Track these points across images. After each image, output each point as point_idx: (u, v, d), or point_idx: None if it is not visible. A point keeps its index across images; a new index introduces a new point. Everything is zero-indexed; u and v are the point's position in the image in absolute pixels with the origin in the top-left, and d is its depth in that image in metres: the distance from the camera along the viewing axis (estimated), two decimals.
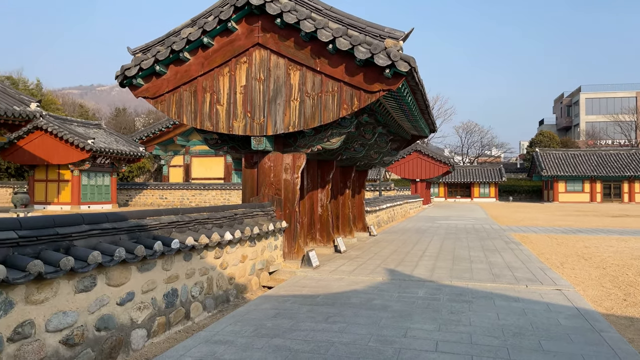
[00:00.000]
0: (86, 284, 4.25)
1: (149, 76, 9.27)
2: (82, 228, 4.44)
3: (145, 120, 69.01)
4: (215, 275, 6.51)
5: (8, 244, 3.69)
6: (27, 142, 28.35)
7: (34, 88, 50.13)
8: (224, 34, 8.96)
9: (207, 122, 9.07)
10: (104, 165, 30.95)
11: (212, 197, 36.46)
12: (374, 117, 10.81)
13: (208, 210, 6.83)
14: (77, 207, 28.93)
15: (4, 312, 3.46)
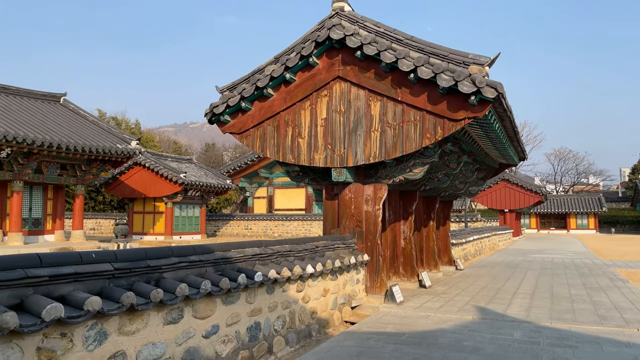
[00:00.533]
0: (174, 316, 4.35)
1: (235, 113, 9.67)
2: (171, 260, 4.59)
3: (232, 154, 72.50)
4: (298, 309, 6.45)
5: (105, 275, 3.88)
6: (128, 177, 30.73)
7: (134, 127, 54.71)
8: (305, 69, 9.16)
9: (289, 155, 9.23)
10: (195, 198, 32.65)
11: (294, 227, 37.04)
12: (459, 146, 10.42)
13: (290, 242, 6.85)
14: (170, 237, 30.63)
15: (99, 343, 3.60)
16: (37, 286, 3.33)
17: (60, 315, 3.18)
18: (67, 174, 23.40)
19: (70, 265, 3.63)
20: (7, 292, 3.15)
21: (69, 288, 3.55)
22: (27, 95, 24.73)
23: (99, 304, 3.47)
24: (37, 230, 23.07)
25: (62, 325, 3.30)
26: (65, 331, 3.35)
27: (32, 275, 3.30)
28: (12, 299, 3.16)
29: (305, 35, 9.19)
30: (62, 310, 3.20)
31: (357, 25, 8.72)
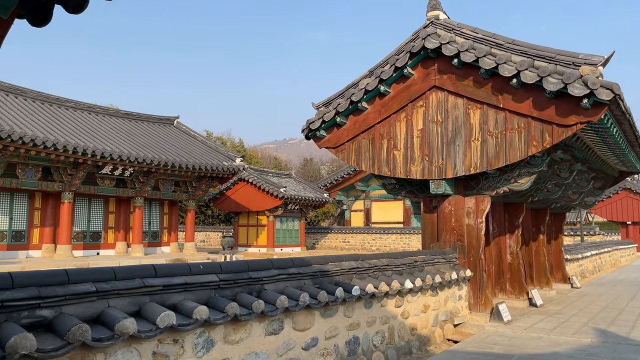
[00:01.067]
0: (275, 327, 4.48)
1: (330, 127, 9.83)
2: (271, 273, 4.75)
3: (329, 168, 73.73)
4: (397, 324, 6.32)
5: (211, 286, 4.11)
6: (233, 192, 32.52)
7: (238, 146, 57.92)
8: (400, 80, 9.08)
9: (385, 168, 9.16)
10: (294, 211, 33.63)
11: (391, 241, 36.56)
12: (571, 153, 9.62)
13: (387, 256, 6.75)
14: (272, 249, 31.79)
15: (206, 350, 3.81)
16: (152, 295, 3.62)
17: (173, 323, 3.42)
18: (180, 190, 25.34)
19: (181, 276, 3.90)
20: (127, 299, 3.46)
21: (180, 297, 3.80)
22: (146, 120, 27.31)
23: (206, 313, 3.68)
24: (155, 242, 25.20)
25: (174, 332, 3.55)
26: (177, 338, 3.59)
27: (149, 284, 3.60)
28: (131, 306, 3.46)
29: (399, 47, 9.13)
30: (174, 318, 3.44)
31: (453, 32, 8.48)
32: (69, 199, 20.42)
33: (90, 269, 3.38)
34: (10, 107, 20.24)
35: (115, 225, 23.43)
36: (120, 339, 3.12)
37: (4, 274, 2.89)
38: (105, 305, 3.33)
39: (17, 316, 2.83)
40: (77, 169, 20.13)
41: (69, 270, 3.21)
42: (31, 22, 2.72)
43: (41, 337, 2.84)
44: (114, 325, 3.12)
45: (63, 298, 3.06)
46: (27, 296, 2.89)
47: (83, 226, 22.22)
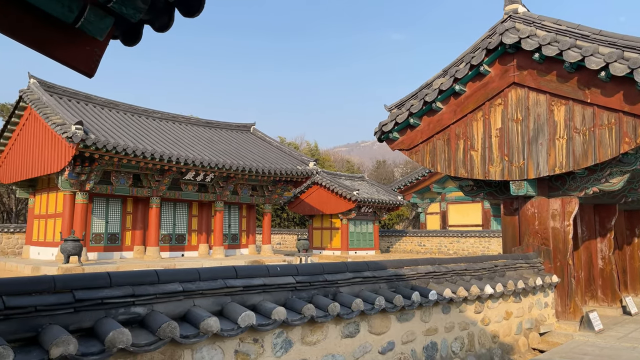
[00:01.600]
0: (351, 330, 4.51)
1: (403, 129, 9.72)
2: (346, 276, 4.78)
3: (403, 170, 72.73)
4: (477, 331, 6.11)
5: (288, 288, 4.22)
6: (307, 196, 33.05)
7: (312, 149, 58.81)
8: (475, 78, 8.79)
9: (461, 169, 8.89)
10: (367, 214, 33.53)
11: (470, 244, 35.31)
12: None
13: (465, 260, 6.56)
14: (346, 252, 31.89)
15: (285, 350, 3.91)
16: (233, 295, 3.78)
17: (253, 323, 3.56)
18: (257, 194, 26.18)
19: (260, 278, 4.04)
20: (211, 299, 3.64)
21: (259, 298, 3.94)
22: (224, 127, 28.53)
23: (284, 314, 3.79)
24: (234, 244, 26.21)
25: (254, 332, 3.68)
26: (257, 337, 3.73)
27: (230, 285, 3.77)
28: (214, 306, 3.64)
29: (475, 44, 8.84)
30: (254, 318, 3.58)
31: (533, 26, 8.08)
32: (156, 204, 21.79)
33: (177, 270, 3.60)
34: (105, 119, 22.00)
35: (198, 228, 24.66)
36: (205, 337, 3.30)
37: (103, 274, 3.17)
38: (191, 305, 3.53)
39: (114, 312, 3.08)
40: (164, 176, 21.44)
41: (158, 270, 3.45)
42: (124, 42, 2.96)
43: (135, 332, 3.07)
44: (199, 324, 3.31)
45: (154, 297, 3.29)
46: (123, 294, 3.14)
47: (169, 229, 23.61)
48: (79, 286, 3.03)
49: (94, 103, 23.35)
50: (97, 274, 3.15)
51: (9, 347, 2.42)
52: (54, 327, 2.75)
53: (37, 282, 2.88)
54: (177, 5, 2.63)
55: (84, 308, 2.98)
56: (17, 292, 2.78)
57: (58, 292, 2.93)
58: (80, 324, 2.95)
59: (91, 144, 17.50)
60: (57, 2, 2.34)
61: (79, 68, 2.77)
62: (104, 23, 2.55)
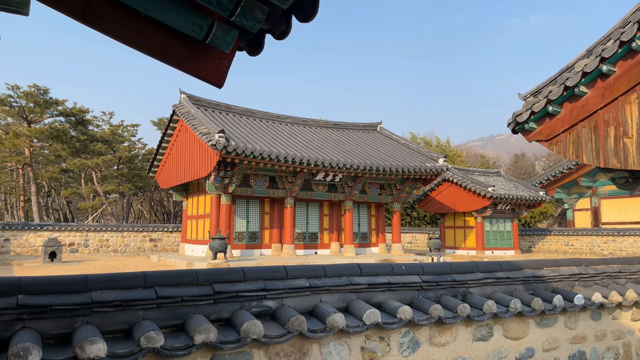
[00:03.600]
0: (483, 333, 4.27)
1: (541, 119, 8.94)
2: (476, 276, 4.55)
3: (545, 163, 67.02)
4: (634, 341, 5.38)
5: (414, 287, 4.15)
6: (438, 193, 32.11)
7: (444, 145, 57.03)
8: (627, 56, 7.76)
9: (613, 159, 7.90)
10: (505, 212, 31.48)
11: (629, 244, 31.18)
12: None
13: (619, 262, 5.81)
14: (481, 252, 30.32)
15: (412, 350, 3.85)
16: (358, 292, 3.82)
17: (378, 321, 3.56)
18: (385, 193, 26.16)
19: (384, 276, 4.03)
20: (336, 295, 3.73)
21: (384, 296, 3.93)
22: (352, 128, 29.03)
23: (409, 313, 3.73)
24: (364, 243, 26.52)
25: (379, 330, 3.68)
26: (383, 335, 3.72)
27: (354, 282, 3.82)
28: (340, 302, 3.72)
29: (624, 18, 7.80)
30: (379, 315, 3.58)
31: None
32: (290, 204, 22.98)
33: (304, 267, 3.75)
34: (244, 126, 23.82)
35: (329, 227, 25.43)
36: (331, 332, 3.38)
37: (237, 269, 3.43)
38: (317, 300, 3.65)
39: (248, 305, 3.32)
40: (296, 177, 22.52)
41: (287, 266, 3.63)
42: (249, 52, 3.18)
43: (267, 324, 3.26)
44: (325, 319, 3.40)
45: (283, 291, 3.47)
46: (255, 288, 3.36)
47: (303, 228, 24.72)
48: (218, 279, 3.32)
49: (233, 112, 25.42)
50: (233, 268, 3.42)
51: (160, 332, 2.74)
52: (198, 316, 3.05)
53: (183, 275, 3.22)
54: (293, 12, 2.75)
55: (222, 300, 3.26)
56: (167, 283, 3.13)
57: (200, 285, 3.24)
58: (219, 314, 3.23)
59: (232, 150, 19.07)
60: (188, 22, 2.59)
61: (210, 79, 3.03)
62: (230, 36, 2.77)
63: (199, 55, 2.81)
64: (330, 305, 3.60)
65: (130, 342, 2.79)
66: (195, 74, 2.85)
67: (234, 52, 2.99)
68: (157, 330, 2.75)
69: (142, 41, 2.72)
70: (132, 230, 28.29)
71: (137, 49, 2.76)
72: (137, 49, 2.75)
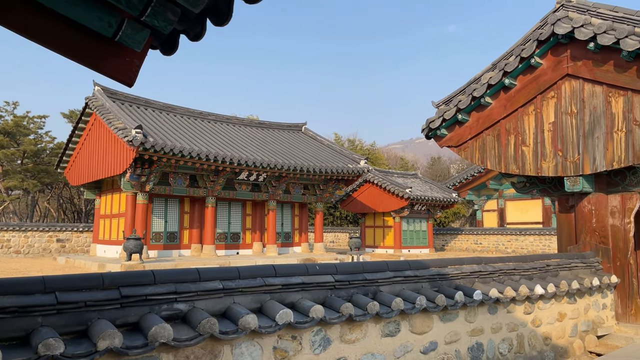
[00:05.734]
0: (391, 329, 4.50)
1: (451, 125, 9.52)
2: (386, 274, 4.78)
3: (459, 166, 70.94)
4: (527, 332, 5.91)
5: (327, 286, 4.28)
6: (359, 194, 32.99)
7: (366, 147, 58.58)
8: (526, 71, 8.48)
9: (512, 165, 8.61)
10: (421, 212, 33.00)
11: (529, 242, 33.95)
12: None
13: (514, 260, 6.36)
14: (399, 250, 31.57)
15: (323, 348, 3.98)
16: (272, 293, 3.89)
17: (290, 320, 3.64)
18: (309, 193, 26.45)
19: (299, 276, 4.12)
20: (250, 297, 3.77)
21: (298, 296, 4.03)
22: (277, 127, 29.03)
23: (322, 312, 3.85)
24: (287, 242, 26.63)
25: (292, 329, 3.77)
26: (295, 335, 3.81)
27: (269, 283, 3.87)
28: (253, 303, 3.76)
29: (525, 36, 8.52)
30: (292, 315, 3.66)
31: (587, 14, 7.68)
32: (212, 204, 22.53)
33: (218, 269, 3.75)
34: (163, 122, 23.00)
35: (252, 227, 25.25)
36: (244, 333, 3.42)
37: (147, 272, 3.36)
38: (231, 302, 3.67)
39: (157, 309, 3.26)
40: (218, 176, 22.13)
41: (200, 269, 3.61)
42: (162, 51, 3.13)
43: (177, 327, 3.23)
44: (238, 320, 3.43)
45: (195, 294, 3.45)
46: (166, 291, 3.31)
47: (224, 228, 24.33)
48: (125, 283, 3.24)
49: (152, 107, 24.46)
50: (142, 271, 3.34)
51: (60, 339, 2.63)
52: (102, 321, 2.96)
53: (87, 279, 3.10)
54: (207, 15, 2.76)
55: (129, 304, 3.18)
56: (69, 288, 3.00)
57: (106, 289, 3.14)
58: (126, 318, 3.14)
59: (150, 146, 18.35)
60: (96, 18, 2.51)
61: (120, 78, 2.95)
62: (141, 35, 2.72)
63: (109, 53, 2.73)
64: (243, 307, 3.63)
65: (28, 350, 2.65)
66: (105, 72, 2.77)
67: (145, 51, 2.93)
68: (57, 337, 2.64)
69: (48, 37, 2.59)
70: (36, 230, 26.31)
71: (43, 45, 2.63)
72: (43, 44, 2.62)
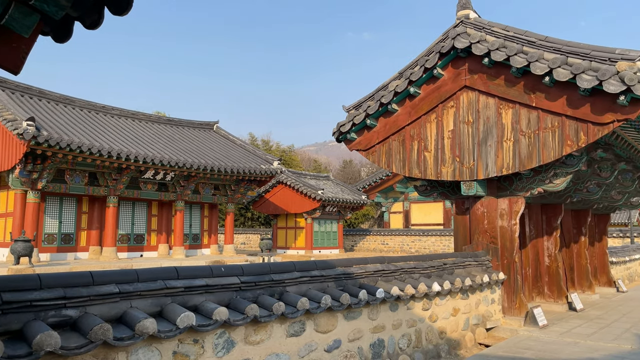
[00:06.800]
0: (296, 329, 4.54)
1: (361, 130, 9.84)
2: (293, 275, 4.82)
3: (369, 169, 73.38)
4: (424, 327, 6.26)
5: (232, 288, 4.22)
6: (272, 195, 32.93)
7: (284, 149, 58.59)
8: (430, 81, 8.99)
9: (415, 170, 9.08)
10: (332, 213, 33.69)
11: (431, 243, 36.01)
12: (612, 152, 9.23)
13: (415, 259, 6.70)
14: (310, 251, 31.95)
15: (227, 351, 3.91)
16: (174, 296, 3.76)
17: (192, 323, 3.54)
18: (220, 193, 25.90)
19: (203, 278, 4.03)
20: (150, 300, 3.61)
21: (201, 299, 3.93)
22: (187, 125, 28.09)
23: (225, 314, 3.79)
24: (196, 244, 25.85)
25: (194, 333, 3.67)
26: (198, 338, 3.72)
27: (170, 286, 3.74)
28: (153, 307, 3.61)
29: (429, 48, 9.04)
30: (193, 318, 3.56)
31: (483, 31, 8.33)
32: (114, 203, 21.26)
33: (114, 271, 3.55)
34: (60, 116, 21.30)
35: (158, 228, 24.20)
36: (141, 339, 3.27)
37: (33, 276, 3.09)
38: (128, 306, 3.49)
39: (44, 315, 3.02)
40: (122, 174, 20.94)
41: (93, 272, 3.39)
42: (54, 38, 2.90)
43: (66, 335, 3.01)
44: (134, 325, 3.27)
45: (87, 299, 3.23)
46: (53, 296, 3.07)
47: (127, 229, 23.08)
48: (7, 288, 2.95)
49: (48, 99, 22.58)
50: (26, 275, 3.07)
51: None
52: None
53: None
54: (105, 3, 2.60)
55: (11, 310, 2.91)
56: None
57: None
58: (7, 326, 2.87)
59: (43, 141, 16.92)
60: None
61: (5, 65, 2.70)
62: (30, 20, 2.50)
63: None
64: (141, 311, 3.47)
65: None
66: None
67: (35, 37, 2.70)
68: None
69: None
70: None
71: None
72: None
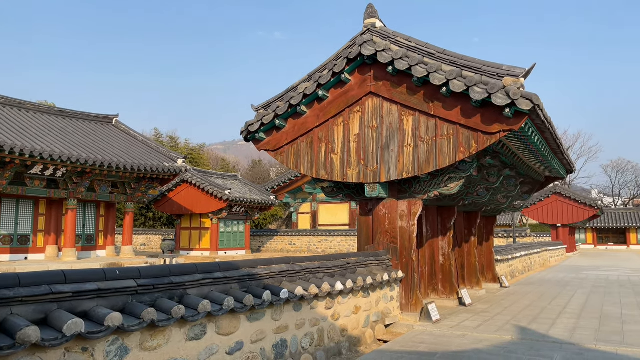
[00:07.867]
0: (197, 332, 4.41)
1: (270, 130, 9.82)
2: (195, 277, 4.68)
3: (278, 170, 73.45)
4: (327, 326, 6.39)
5: (128, 292, 4.00)
6: (176, 194, 31.72)
7: (193, 147, 56.59)
8: (337, 85, 9.21)
9: (323, 171, 9.25)
10: (239, 214, 33.24)
11: (337, 243, 36.92)
12: (499, 159, 10.11)
13: (319, 259, 6.82)
14: (215, 252, 31.24)
15: (120, 358, 3.69)
16: (61, 302, 3.47)
17: (81, 331, 3.30)
18: (118, 191, 24.43)
19: (94, 282, 3.77)
20: (33, 307, 3.30)
21: (92, 304, 3.67)
22: (82, 118, 26.14)
23: (119, 319, 3.58)
24: (89, 246, 24.14)
25: (83, 340, 3.42)
26: (87, 346, 3.47)
27: (57, 291, 3.45)
28: (37, 313, 3.31)
29: (337, 53, 9.26)
30: (82, 325, 3.32)
31: (388, 40, 8.71)
32: None
33: None
34: None
35: (46, 229, 22.26)
36: (22, 348, 2.98)
37: None
38: (7, 313, 3.17)
39: None
40: (4, 169, 18.97)
41: None
42: None
43: None
44: (15, 334, 2.98)
45: None
46: None
47: (10, 229, 20.96)
48: None
49: None
50: None
51: None
52: None
53: None
54: None
55: None
56: None
57: None
58: None
59: None
60: None
61: None
62: None
63: None
64: (23, 318, 3.17)
65: None
66: None
67: None
68: None
69: None
70: None
71: None
72: None
